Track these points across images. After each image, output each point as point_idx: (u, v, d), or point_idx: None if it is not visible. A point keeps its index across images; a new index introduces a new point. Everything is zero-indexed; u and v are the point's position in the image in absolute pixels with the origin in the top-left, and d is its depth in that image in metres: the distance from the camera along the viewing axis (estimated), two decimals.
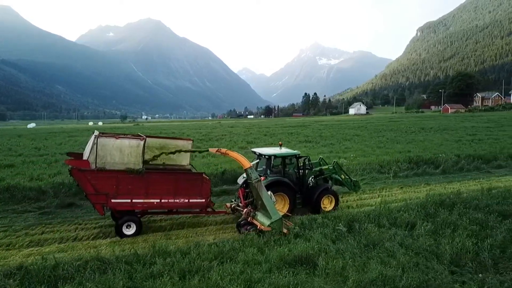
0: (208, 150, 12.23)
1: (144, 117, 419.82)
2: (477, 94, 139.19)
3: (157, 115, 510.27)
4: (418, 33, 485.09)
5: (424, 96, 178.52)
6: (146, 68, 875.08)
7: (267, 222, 10.65)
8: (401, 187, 17.76)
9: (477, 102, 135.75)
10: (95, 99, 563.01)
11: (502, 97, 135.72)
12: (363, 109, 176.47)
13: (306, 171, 14.24)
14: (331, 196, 14.03)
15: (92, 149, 10.58)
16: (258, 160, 13.95)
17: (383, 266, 8.11)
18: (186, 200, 11.53)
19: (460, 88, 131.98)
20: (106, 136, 10.91)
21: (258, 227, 10.81)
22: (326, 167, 15.18)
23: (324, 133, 43.31)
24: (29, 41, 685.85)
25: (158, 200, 11.21)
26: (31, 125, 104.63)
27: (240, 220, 11.82)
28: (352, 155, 21.72)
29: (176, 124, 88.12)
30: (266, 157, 13.43)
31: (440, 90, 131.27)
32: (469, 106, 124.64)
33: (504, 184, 17.80)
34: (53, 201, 14.06)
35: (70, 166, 10.81)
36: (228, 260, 8.50)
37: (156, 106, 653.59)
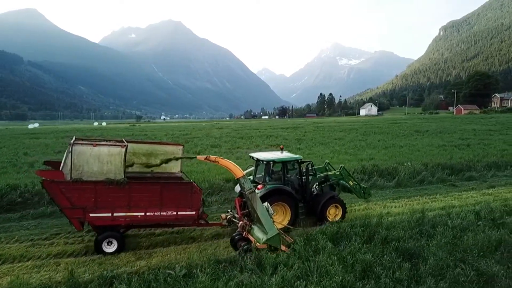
0: (196, 157, 10.87)
1: (162, 117, 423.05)
2: (496, 94, 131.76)
3: (176, 116, 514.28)
4: (441, 32, 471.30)
5: (442, 96, 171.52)
6: (167, 69, 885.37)
7: (262, 238, 9.22)
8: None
9: (496, 103, 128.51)
10: (117, 100, 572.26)
11: None
12: (374, 110, 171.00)
13: (310, 178, 12.69)
14: (338, 205, 12.50)
15: (67, 158, 9.58)
16: (252, 167, 12.80)
17: None
18: (174, 213, 10.31)
19: (477, 88, 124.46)
20: (82, 144, 9.77)
21: (252, 244, 9.39)
22: (332, 172, 13.50)
23: (308, 136, 40.36)
24: (54, 43, 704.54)
25: (143, 213, 10.04)
26: (32, 125, 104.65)
27: (234, 234, 10.36)
28: None
29: (173, 124, 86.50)
30: (265, 162, 11.94)
31: (452, 91, 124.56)
32: (484, 107, 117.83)
33: (457, 203, 14.67)
34: None
35: (42, 178, 9.55)
36: None
37: (176, 106, 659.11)
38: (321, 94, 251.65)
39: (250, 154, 13.39)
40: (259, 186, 11.34)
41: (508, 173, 20.32)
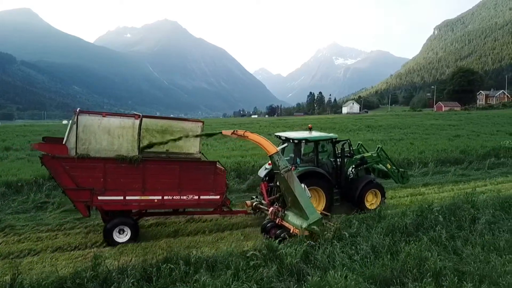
0: (221, 133, 10.27)
1: None
2: (481, 91, 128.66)
3: (171, 115, 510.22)
4: (436, 32, 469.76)
5: (429, 94, 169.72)
6: (163, 69, 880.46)
7: (303, 223, 8.33)
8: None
9: (481, 100, 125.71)
10: (111, 99, 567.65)
11: (507, 95, 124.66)
12: (356, 107, 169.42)
13: (346, 160, 11.51)
14: (376, 190, 11.52)
15: (72, 130, 8.57)
16: (285, 145, 11.25)
17: None
18: (196, 197, 9.32)
19: (460, 85, 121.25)
20: (90, 114, 8.84)
21: (291, 231, 8.51)
22: (369, 154, 12.44)
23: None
24: (48, 42, 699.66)
25: (160, 197, 9.03)
26: None
27: (265, 222, 9.50)
28: None
29: None
30: (295, 141, 10.92)
31: (432, 87, 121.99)
32: (466, 105, 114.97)
33: None
34: None
35: (41, 153, 8.40)
36: None
37: (172, 106, 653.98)
38: (310, 93, 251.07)
39: (276, 134, 12.19)
40: (291, 168, 9.65)
41: (415, 173, 16.74)
